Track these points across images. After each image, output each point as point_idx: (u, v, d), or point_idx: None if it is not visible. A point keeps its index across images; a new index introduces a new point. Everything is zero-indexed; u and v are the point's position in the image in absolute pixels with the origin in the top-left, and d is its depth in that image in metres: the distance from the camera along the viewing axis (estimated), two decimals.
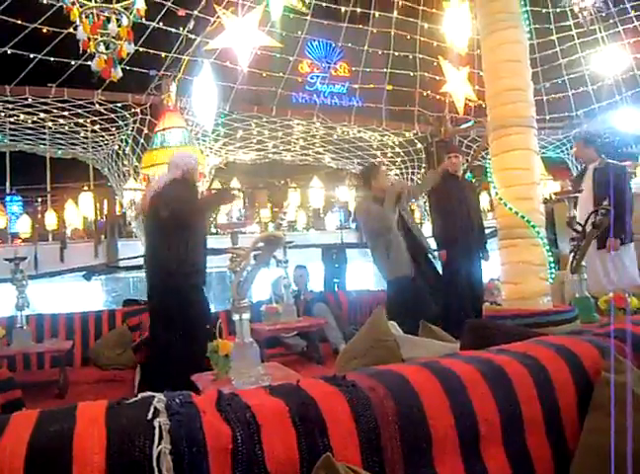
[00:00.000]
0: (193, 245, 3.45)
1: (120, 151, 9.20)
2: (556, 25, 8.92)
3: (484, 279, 4.77)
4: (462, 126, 9.81)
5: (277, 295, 4.67)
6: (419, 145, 10.48)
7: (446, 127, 9.66)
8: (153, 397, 0.95)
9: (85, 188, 10.86)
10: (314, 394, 1.03)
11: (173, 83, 7.51)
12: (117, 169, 9.41)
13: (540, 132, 8.02)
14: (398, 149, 10.62)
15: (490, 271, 4.75)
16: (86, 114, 8.26)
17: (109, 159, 9.68)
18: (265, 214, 12.13)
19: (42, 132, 8.94)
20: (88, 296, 7.99)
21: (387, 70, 9.55)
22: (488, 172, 2.53)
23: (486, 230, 4.92)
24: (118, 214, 9.38)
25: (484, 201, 8.89)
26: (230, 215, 2.94)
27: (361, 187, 4.60)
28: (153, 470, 0.84)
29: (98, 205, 9.21)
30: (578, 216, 3.17)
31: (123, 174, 9.24)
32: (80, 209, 9.42)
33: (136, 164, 8.55)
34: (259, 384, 1.95)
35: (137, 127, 8.56)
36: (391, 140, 10.57)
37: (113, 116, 8.37)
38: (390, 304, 4.08)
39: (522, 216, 2.33)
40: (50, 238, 9.13)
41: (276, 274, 4.75)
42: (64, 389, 3.83)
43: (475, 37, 5.44)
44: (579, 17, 7.01)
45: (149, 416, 0.90)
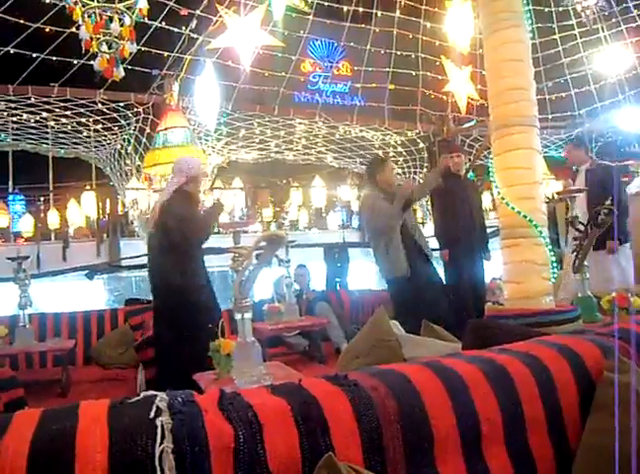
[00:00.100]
0: (193, 261, 3.50)
1: (123, 150, 9.21)
2: (559, 24, 8.89)
3: (486, 279, 4.76)
4: (465, 126, 9.80)
5: (279, 294, 4.68)
6: (421, 145, 10.47)
7: (449, 127, 9.64)
8: (155, 396, 0.95)
9: (87, 187, 10.88)
10: (316, 393, 1.03)
11: (175, 82, 7.51)
12: (119, 168, 9.43)
13: (543, 132, 8.00)
14: (400, 148, 10.62)
15: (492, 270, 4.74)
16: (88, 113, 8.27)
17: (111, 158, 9.69)
18: (267, 214, 12.13)
19: (45, 132, 8.96)
20: (90, 295, 8.00)
21: (389, 69, 9.54)
22: (490, 171, 2.52)
23: (488, 230, 4.92)
24: (120, 214, 9.38)
25: (486, 201, 8.87)
26: (232, 215, 2.93)
27: (367, 180, 4.45)
28: (155, 469, 0.84)
29: (100, 205, 9.22)
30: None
31: (126, 173, 9.26)
32: (82, 209, 9.43)
33: (139, 163, 8.56)
34: (261, 383, 1.95)
35: (140, 127, 8.58)
36: (393, 140, 10.56)
37: (115, 115, 8.39)
38: (392, 304, 4.09)
39: (525, 216, 2.32)
40: (53, 237, 9.14)
41: (278, 273, 4.75)
42: (67, 388, 3.84)
43: (477, 36, 5.43)
44: (581, 16, 7.00)
45: (151, 415, 0.90)
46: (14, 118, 8.33)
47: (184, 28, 7.54)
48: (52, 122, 8.56)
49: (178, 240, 3.40)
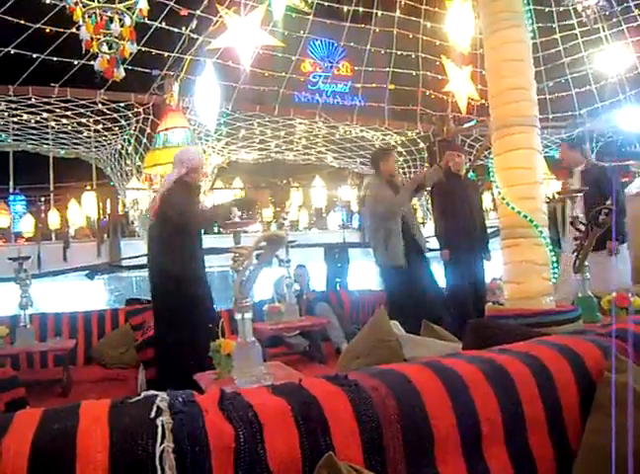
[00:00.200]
0: (192, 252, 3.49)
1: (123, 151, 9.21)
2: (559, 23, 8.89)
3: (486, 279, 4.76)
4: (465, 126, 9.80)
5: (279, 295, 4.68)
6: (421, 145, 10.47)
7: (449, 127, 9.65)
8: (156, 396, 0.95)
9: (88, 187, 10.89)
10: (316, 393, 1.03)
11: (175, 83, 7.51)
12: (119, 168, 9.43)
13: (543, 131, 8.01)
14: (401, 148, 10.61)
15: (492, 270, 4.74)
16: (89, 113, 8.27)
17: (111, 159, 9.70)
18: (267, 214, 12.14)
19: (46, 132, 8.96)
20: (91, 295, 8.00)
21: (390, 69, 9.54)
22: (491, 171, 2.52)
23: (488, 230, 4.92)
24: (120, 214, 9.39)
25: (487, 201, 8.87)
26: (233, 215, 2.93)
27: (371, 169, 4.54)
28: (156, 469, 0.84)
29: (101, 205, 9.23)
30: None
31: (126, 173, 9.26)
32: (83, 209, 9.44)
33: (139, 163, 8.56)
34: (261, 383, 1.95)
35: (140, 127, 8.58)
36: (394, 140, 10.56)
37: (115, 115, 8.39)
38: (387, 294, 4.12)
39: (525, 216, 2.32)
40: (54, 237, 9.15)
41: (278, 273, 4.75)
42: (67, 388, 3.84)
43: (478, 36, 5.43)
44: (582, 15, 6.99)
45: (152, 415, 0.90)
46: (14, 119, 8.33)
47: (184, 28, 7.54)
48: (53, 123, 8.56)
49: (177, 228, 3.39)
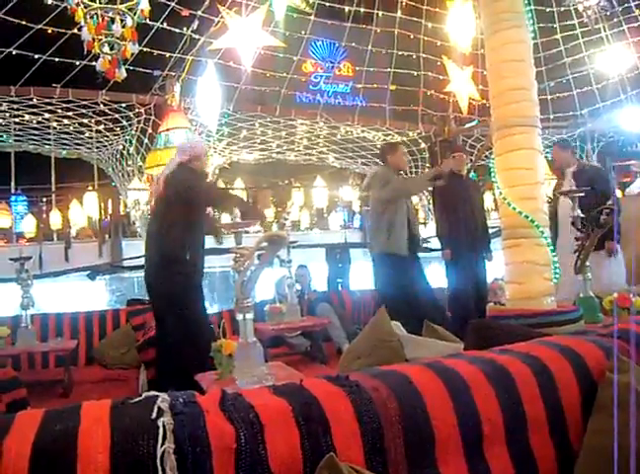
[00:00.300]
0: (193, 233, 3.39)
1: (125, 151, 9.23)
2: (560, 24, 8.90)
3: (488, 279, 4.76)
4: (466, 126, 9.80)
5: (280, 295, 4.68)
6: (422, 145, 10.47)
7: (450, 127, 9.65)
8: (157, 397, 0.95)
9: (89, 188, 10.90)
10: (317, 394, 1.03)
11: (177, 83, 7.53)
12: (121, 169, 9.45)
13: (544, 132, 8.00)
14: None
15: (494, 270, 4.74)
16: (90, 114, 8.29)
17: (113, 159, 9.72)
18: (268, 214, 12.12)
19: (47, 132, 8.98)
20: (92, 296, 8.00)
21: (391, 70, 9.55)
22: (492, 171, 2.52)
23: (490, 230, 4.91)
24: (122, 214, 9.39)
25: (488, 201, 8.87)
26: (234, 215, 2.93)
27: (380, 161, 4.58)
28: (157, 469, 0.84)
29: (102, 205, 9.24)
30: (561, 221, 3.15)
31: (128, 174, 9.28)
32: (85, 209, 9.45)
33: (140, 164, 8.58)
34: (262, 384, 1.95)
35: (141, 128, 8.60)
36: (395, 140, 10.56)
37: (117, 116, 8.41)
38: (381, 282, 4.12)
39: (526, 216, 2.32)
40: (55, 238, 9.16)
41: (280, 273, 4.75)
42: (69, 388, 3.84)
43: (479, 36, 5.43)
44: (583, 16, 6.99)
45: (153, 415, 0.90)
46: (16, 119, 8.35)
47: (185, 29, 7.56)
48: (55, 123, 8.58)
49: (183, 206, 3.29)
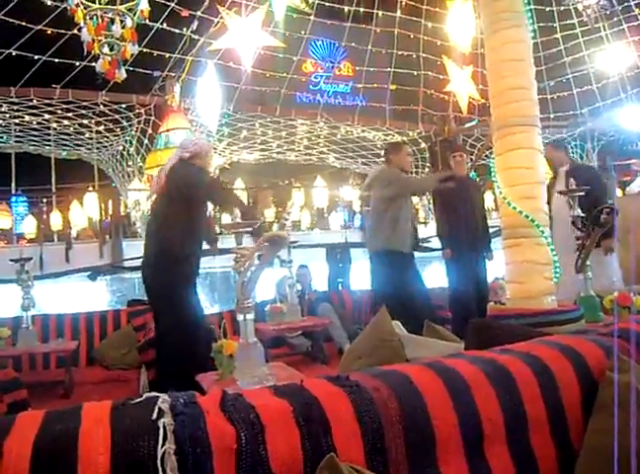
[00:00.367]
0: (192, 232, 3.36)
1: (125, 152, 9.24)
2: (560, 23, 8.90)
3: (489, 279, 4.76)
4: (466, 125, 9.80)
5: (281, 295, 4.67)
6: (423, 144, 10.47)
7: (450, 127, 9.65)
8: (158, 397, 0.95)
9: (90, 188, 10.90)
10: (318, 394, 1.03)
11: (177, 84, 7.54)
12: (121, 169, 9.45)
13: (544, 131, 8.00)
14: None
15: (494, 270, 4.74)
16: (90, 115, 8.30)
17: (113, 160, 9.73)
18: (269, 214, 12.13)
19: (47, 133, 8.99)
20: (93, 297, 8.01)
21: (391, 69, 9.55)
22: (492, 171, 2.52)
23: (490, 229, 4.91)
24: (122, 215, 9.40)
25: (489, 201, 8.87)
26: (235, 215, 2.92)
27: (384, 160, 4.62)
28: (157, 470, 0.84)
29: (103, 206, 9.25)
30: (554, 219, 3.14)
31: (128, 174, 9.28)
32: (85, 210, 9.45)
33: (141, 164, 8.58)
34: (263, 384, 1.95)
35: (141, 128, 8.61)
36: (395, 140, 10.56)
37: (117, 116, 8.42)
38: (381, 280, 4.10)
39: (527, 215, 2.32)
40: (56, 239, 9.16)
41: (280, 273, 4.75)
42: (70, 389, 3.84)
43: (479, 35, 5.43)
44: (583, 15, 6.99)
45: (154, 416, 0.90)
46: (16, 120, 8.36)
47: (185, 29, 7.56)
48: (55, 124, 8.59)
49: (184, 200, 3.26)
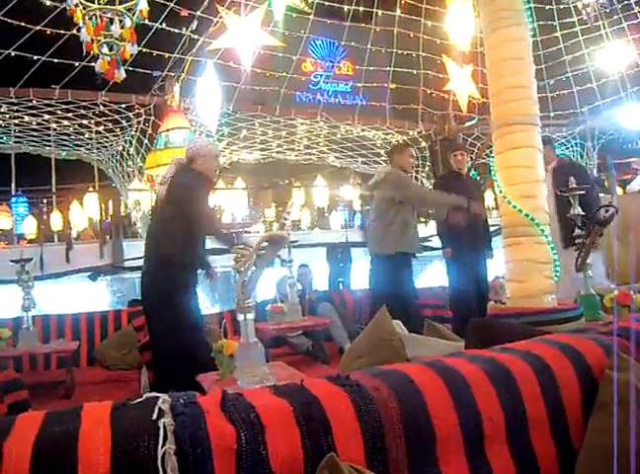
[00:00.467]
0: (192, 237, 3.35)
1: (125, 152, 9.23)
2: (560, 21, 8.89)
3: (489, 277, 4.75)
4: (466, 124, 9.79)
5: (281, 295, 4.68)
6: (423, 143, 10.46)
7: (450, 125, 9.65)
8: (158, 398, 0.95)
9: (90, 189, 10.91)
10: (318, 394, 1.03)
11: (176, 84, 7.53)
12: (121, 170, 9.45)
13: (544, 129, 8.00)
14: None
15: (495, 269, 4.74)
16: (90, 115, 8.29)
17: (113, 160, 9.72)
18: (269, 214, 12.14)
19: (47, 134, 8.98)
20: (94, 297, 8.01)
21: (391, 68, 9.55)
22: (492, 170, 2.52)
23: (490, 228, 4.91)
24: (122, 215, 9.40)
25: (489, 199, 8.87)
26: (235, 216, 2.92)
27: (388, 160, 4.64)
28: (158, 470, 0.84)
29: (103, 206, 9.25)
30: None
31: (128, 174, 9.28)
32: (85, 210, 9.45)
33: (141, 164, 8.58)
34: (263, 384, 1.95)
35: (141, 128, 8.60)
36: (395, 139, 10.55)
37: (117, 117, 8.41)
38: (390, 282, 4.06)
39: (527, 214, 2.32)
40: (56, 239, 9.16)
41: (281, 273, 4.75)
42: (71, 390, 3.85)
43: (478, 34, 5.43)
44: (582, 13, 6.98)
45: (154, 416, 0.90)
46: (16, 121, 8.35)
47: (184, 29, 7.55)
48: (54, 125, 8.59)
49: (173, 208, 3.25)
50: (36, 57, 7.08)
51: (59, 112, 8.12)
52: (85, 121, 8.55)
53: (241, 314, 2.31)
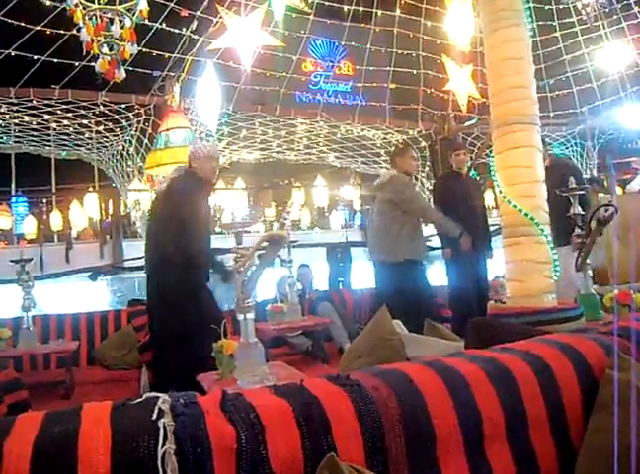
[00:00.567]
0: (192, 237, 3.33)
1: (125, 152, 9.23)
2: (559, 21, 8.89)
3: (489, 277, 4.76)
4: (466, 124, 9.79)
5: (281, 294, 4.68)
6: (423, 143, 10.45)
7: (450, 125, 9.64)
8: (158, 398, 0.95)
9: (90, 188, 10.91)
10: (318, 394, 1.03)
11: (176, 83, 7.53)
12: (121, 169, 9.45)
13: (544, 129, 8.00)
14: None
15: (495, 268, 4.74)
16: (90, 115, 8.29)
17: (113, 160, 9.72)
18: (269, 214, 12.14)
19: (47, 134, 8.98)
20: (94, 297, 8.01)
21: (390, 68, 9.54)
22: (492, 169, 2.52)
23: (490, 228, 4.91)
24: (122, 215, 9.40)
25: (489, 199, 8.87)
26: (235, 216, 2.93)
27: (390, 162, 4.64)
28: (158, 470, 0.84)
29: (103, 206, 9.25)
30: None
31: (128, 174, 9.28)
32: (85, 210, 9.45)
33: (141, 164, 8.57)
34: (263, 384, 1.95)
35: (141, 128, 8.60)
36: (395, 139, 10.56)
37: (117, 116, 8.40)
38: (405, 290, 4.00)
39: (526, 214, 2.32)
40: (56, 239, 9.16)
41: (281, 273, 4.75)
42: (71, 390, 3.84)
43: (478, 34, 5.43)
44: (582, 13, 6.98)
45: (154, 416, 0.90)
46: (16, 121, 8.35)
47: (184, 29, 7.55)
48: (54, 125, 8.58)
49: (172, 214, 3.25)
50: (36, 57, 7.07)
51: (59, 112, 8.12)
52: (85, 121, 8.55)
53: (241, 314, 2.31)
